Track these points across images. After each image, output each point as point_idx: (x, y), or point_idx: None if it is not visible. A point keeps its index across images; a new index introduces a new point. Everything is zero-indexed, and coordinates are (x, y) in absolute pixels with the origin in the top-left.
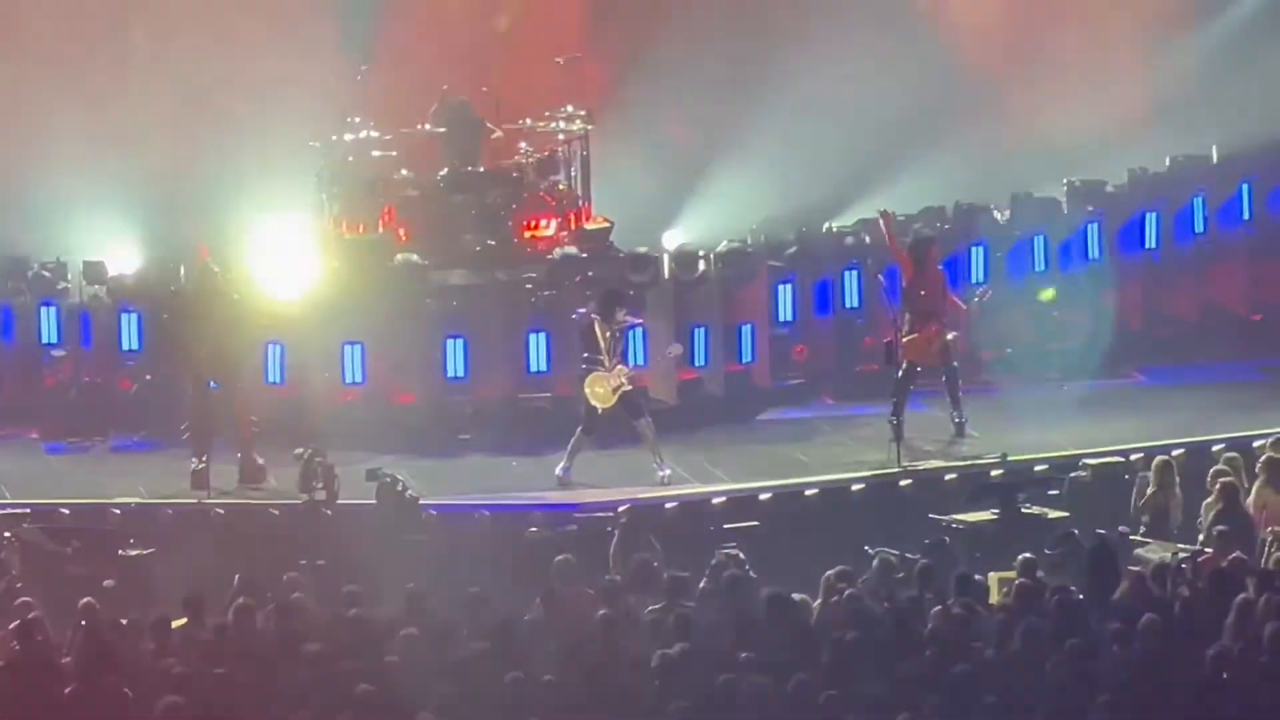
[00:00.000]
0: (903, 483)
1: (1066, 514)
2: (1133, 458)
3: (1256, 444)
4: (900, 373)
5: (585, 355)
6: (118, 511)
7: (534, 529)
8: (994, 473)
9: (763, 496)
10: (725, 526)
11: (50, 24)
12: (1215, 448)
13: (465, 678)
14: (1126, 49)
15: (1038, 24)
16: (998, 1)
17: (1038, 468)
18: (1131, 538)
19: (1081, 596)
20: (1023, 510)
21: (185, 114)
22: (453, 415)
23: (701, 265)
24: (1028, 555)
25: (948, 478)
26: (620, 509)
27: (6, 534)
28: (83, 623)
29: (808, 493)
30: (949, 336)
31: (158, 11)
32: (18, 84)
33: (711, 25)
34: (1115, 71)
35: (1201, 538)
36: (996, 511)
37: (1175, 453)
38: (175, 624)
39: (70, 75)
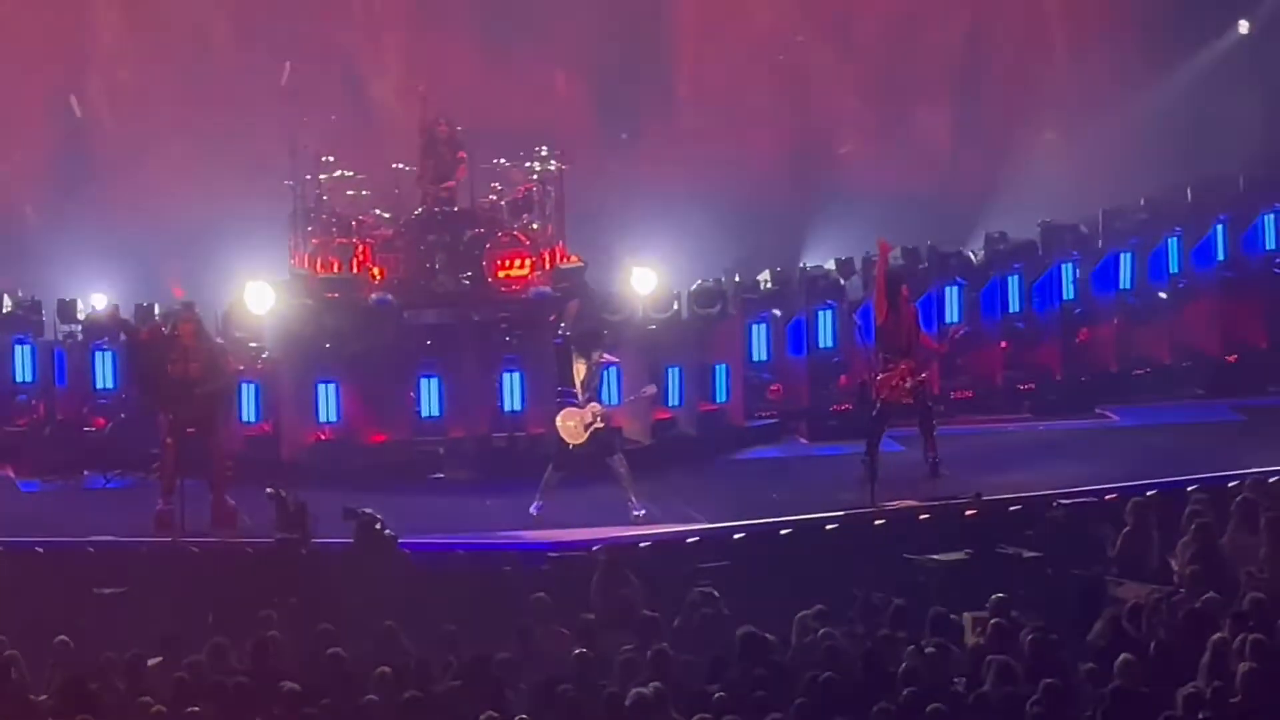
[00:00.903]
0: (876, 522)
1: (1040, 554)
2: (1107, 498)
3: (1231, 485)
4: (874, 412)
5: (560, 389)
6: (92, 550)
7: (508, 567)
8: (968, 512)
9: (736, 535)
10: (699, 566)
11: (29, 59)
12: (1190, 488)
13: (440, 716)
14: (1099, 90)
15: (1011, 65)
16: (971, 41)
17: (1011, 507)
18: (1107, 578)
19: (1056, 636)
20: (997, 550)
21: (161, 153)
22: (426, 454)
23: (675, 304)
24: (1001, 595)
25: (921, 517)
26: (596, 547)
27: None
28: (57, 661)
29: (781, 532)
30: (921, 376)
31: (137, 49)
32: None
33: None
34: (1089, 112)
35: (1177, 578)
36: (970, 551)
37: (1149, 493)
38: (150, 662)
39: (45, 110)
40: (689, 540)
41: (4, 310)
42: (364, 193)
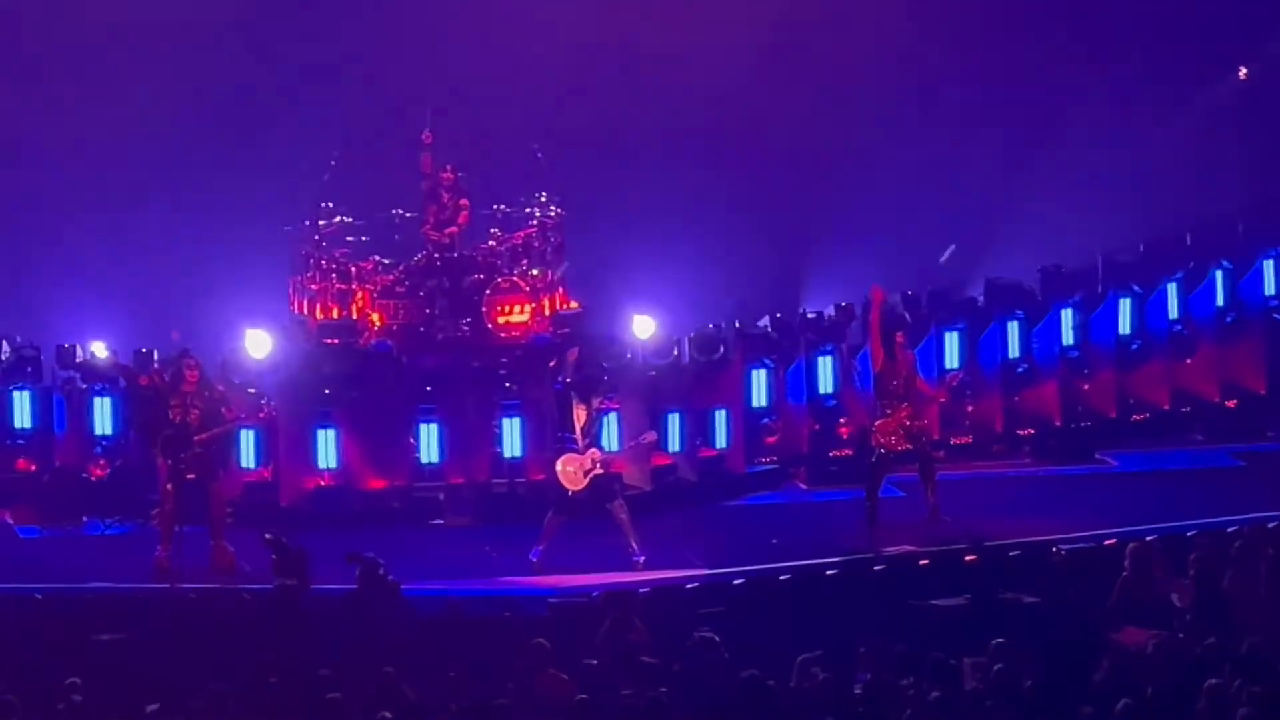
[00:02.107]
0: (876, 567)
1: (1040, 599)
2: (1106, 543)
3: (1231, 530)
4: (873, 458)
5: (560, 435)
6: (90, 596)
7: (508, 613)
8: (968, 558)
9: (736, 581)
10: (700, 612)
11: (31, 107)
12: (1190, 533)
13: None
14: (1099, 134)
15: (1010, 108)
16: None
17: (1011, 553)
18: (1107, 622)
19: (1056, 681)
20: (997, 595)
21: (161, 199)
22: (426, 500)
23: (675, 350)
24: (1001, 640)
25: (921, 562)
26: (597, 594)
27: None
28: (59, 706)
29: (781, 577)
30: (920, 422)
31: (135, 95)
32: None
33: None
34: (1089, 156)
35: (1177, 623)
36: (970, 596)
37: (1149, 538)
38: (149, 709)
39: (44, 158)
40: (689, 586)
41: (3, 356)
42: (363, 239)
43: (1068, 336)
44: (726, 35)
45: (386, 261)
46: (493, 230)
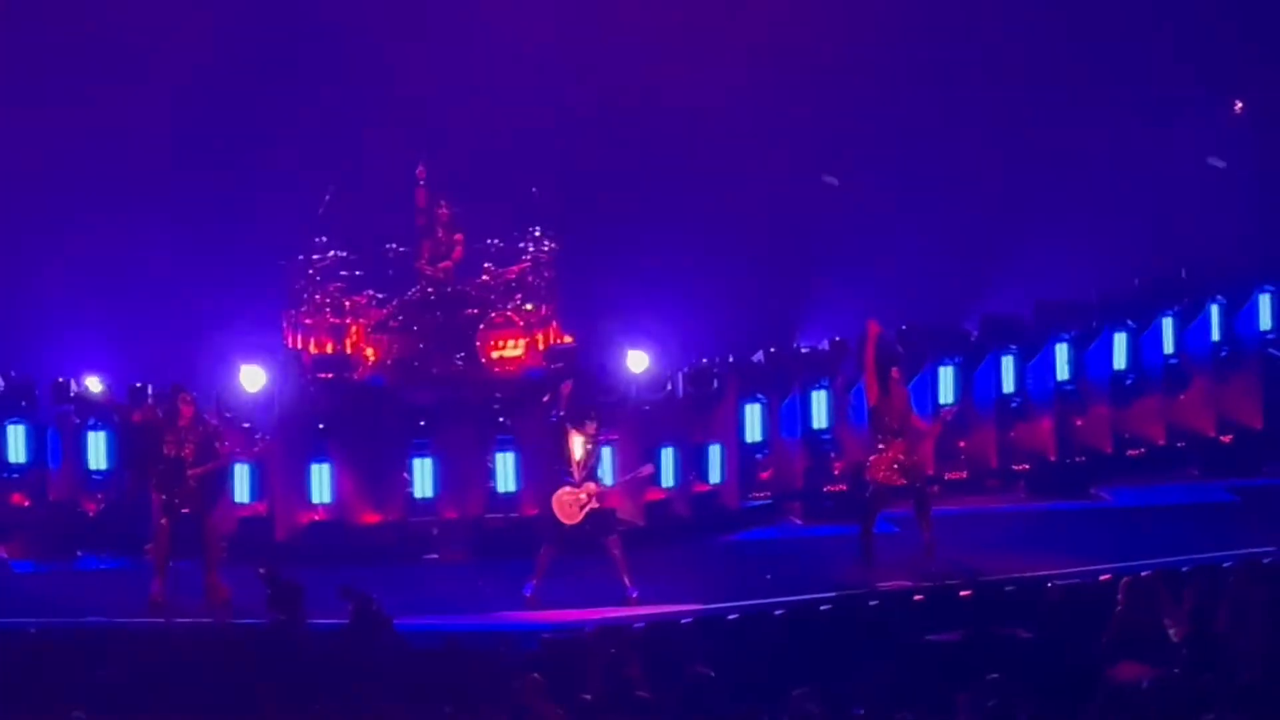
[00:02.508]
0: (871, 603)
1: (1035, 634)
2: (1101, 578)
3: (1226, 565)
4: (868, 493)
5: (556, 467)
6: (84, 631)
7: (502, 648)
8: (962, 593)
9: (730, 617)
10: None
11: (25, 140)
12: (1184, 569)
13: None
14: (1094, 168)
15: (1006, 142)
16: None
17: (1006, 588)
18: (1103, 657)
19: (1051, 717)
20: (992, 631)
21: (157, 233)
22: (420, 535)
23: (669, 385)
24: (996, 676)
25: (916, 598)
26: (591, 629)
27: None
28: None
29: (776, 613)
30: (914, 457)
31: (137, 126)
32: None
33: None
34: (1084, 190)
35: (1171, 659)
36: (965, 632)
37: (1144, 573)
38: None
39: (38, 190)
40: (684, 621)
41: None
42: (357, 273)
43: (1062, 371)
44: (721, 72)
45: (380, 296)
46: (486, 265)
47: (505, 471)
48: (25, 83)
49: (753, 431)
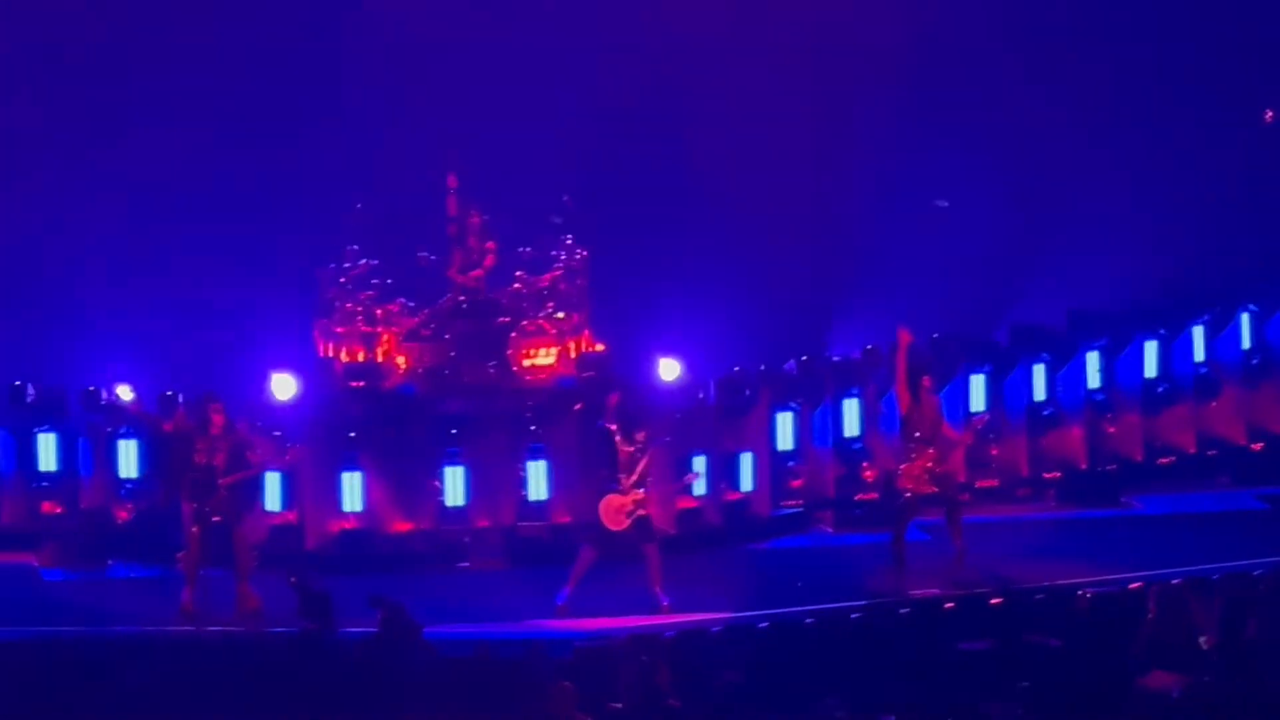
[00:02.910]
0: (901, 611)
1: (1066, 643)
2: (1132, 587)
3: (1257, 574)
4: (899, 501)
5: (602, 472)
6: (115, 640)
7: (533, 657)
8: (993, 601)
9: (761, 625)
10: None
11: (59, 150)
12: (1215, 577)
13: None
14: (1125, 177)
15: (1041, 152)
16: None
17: (1037, 596)
18: (1134, 666)
19: None
20: (1023, 639)
21: (188, 241)
22: (452, 543)
23: (700, 393)
24: (1027, 684)
25: (947, 606)
26: (624, 638)
27: None
28: None
29: (806, 621)
30: (945, 466)
31: (161, 135)
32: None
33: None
34: (1116, 198)
35: (1202, 667)
36: (995, 640)
37: (1174, 582)
38: None
39: (71, 200)
40: (714, 630)
41: (28, 399)
42: (389, 281)
43: (1093, 379)
44: (753, 79)
45: (412, 304)
46: (518, 273)
47: (537, 480)
48: (61, 91)
49: (784, 440)
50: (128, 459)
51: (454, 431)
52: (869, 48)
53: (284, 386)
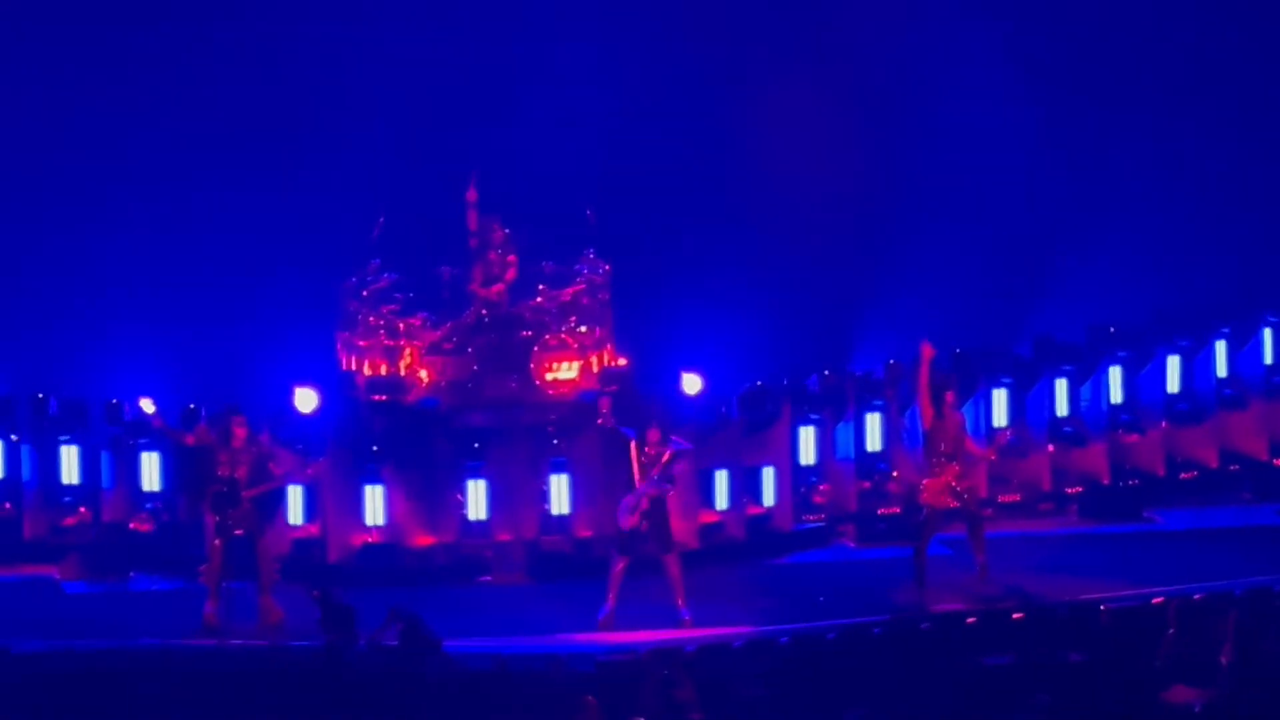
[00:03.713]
0: (923, 625)
1: (1088, 658)
2: (1154, 602)
3: (1278, 589)
4: (921, 517)
5: (624, 478)
6: (137, 653)
7: (555, 670)
8: (1015, 616)
9: (783, 639)
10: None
11: (80, 162)
12: (1237, 592)
13: None
14: (1146, 189)
15: (1064, 166)
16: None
17: (1059, 611)
18: (1155, 681)
19: None
20: (1044, 654)
21: (211, 255)
22: (474, 557)
23: (723, 407)
24: (1049, 699)
25: (968, 621)
26: (645, 652)
27: None
28: None
29: (828, 635)
30: (968, 481)
31: (184, 148)
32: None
33: (737, 166)
34: (1137, 212)
35: (1223, 682)
36: (1018, 655)
37: (1196, 597)
38: None
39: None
40: (736, 644)
41: (51, 412)
42: (411, 295)
43: (1116, 394)
44: (775, 94)
45: (434, 318)
46: (541, 287)
47: (559, 493)
48: (90, 104)
49: (807, 454)
50: (150, 472)
51: (476, 445)
52: (891, 62)
53: (306, 400)
